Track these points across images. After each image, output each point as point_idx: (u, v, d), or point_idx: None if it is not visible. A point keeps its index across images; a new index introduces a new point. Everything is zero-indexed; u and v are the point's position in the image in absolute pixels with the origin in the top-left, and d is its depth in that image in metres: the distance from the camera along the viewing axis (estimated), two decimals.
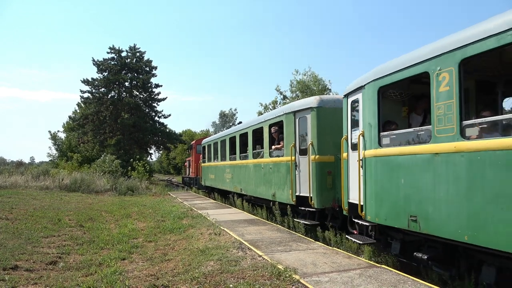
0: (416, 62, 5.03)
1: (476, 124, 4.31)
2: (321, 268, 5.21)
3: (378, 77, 5.83)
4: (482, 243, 3.99)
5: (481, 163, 3.99)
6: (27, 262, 6.17)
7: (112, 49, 38.41)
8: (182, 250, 6.89)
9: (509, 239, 3.65)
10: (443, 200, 4.51)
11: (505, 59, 4.65)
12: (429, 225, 4.73)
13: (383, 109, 5.93)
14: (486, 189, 3.96)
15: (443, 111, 4.56)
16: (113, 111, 37.40)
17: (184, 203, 15.13)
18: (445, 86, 4.55)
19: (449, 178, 4.42)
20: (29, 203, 13.64)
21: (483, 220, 3.97)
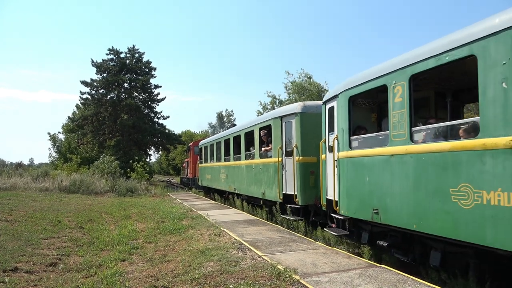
0: (377, 76, 5.81)
1: (422, 130, 5.15)
2: (321, 268, 5.21)
3: (348, 88, 6.62)
4: (425, 230, 4.79)
5: (424, 163, 4.80)
6: (27, 264, 6.17)
7: (111, 51, 38.44)
8: (182, 251, 6.89)
9: (444, 225, 4.48)
10: (397, 195, 5.29)
11: (450, 74, 5.38)
12: (388, 217, 5.51)
13: (355, 115, 6.72)
14: (428, 185, 4.74)
15: (398, 119, 5.33)
16: (113, 112, 37.42)
17: (184, 204, 15.13)
18: (398, 97, 5.32)
19: (402, 176, 5.20)
20: (29, 205, 13.63)
21: (426, 210, 4.76)
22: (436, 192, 4.61)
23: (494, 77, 3.93)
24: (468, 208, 4.20)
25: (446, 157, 4.49)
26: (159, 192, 22.65)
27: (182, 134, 62.32)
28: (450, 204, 4.41)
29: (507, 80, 3.77)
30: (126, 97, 38.40)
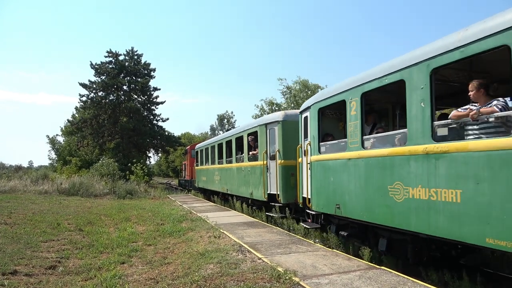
0: (339, 92, 6.96)
1: (370, 138, 6.33)
2: (321, 270, 5.21)
3: (318, 101, 7.73)
4: (373, 220, 5.91)
5: (371, 165, 5.90)
6: (26, 266, 6.15)
7: (110, 53, 38.45)
8: (182, 254, 6.88)
9: (385, 216, 5.59)
10: (353, 192, 6.40)
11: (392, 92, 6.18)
12: (346, 210, 6.66)
13: (324, 124, 7.86)
14: (373, 183, 5.86)
15: (353, 129, 6.42)
16: (112, 115, 37.41)
17: (184, 206, 15.11)
18: (353, 111, 6.40)
19: (356, 176, 6.33)
20: (28, 208, 13.60)
21: (373, 204, 5.89)
22: (379, 189, 5.72)
23: (416, 98, 4.98)
24: (400, 201, 5.30)
25: (385, 160, 5.59)
26: (158, 194, 22.64)
27: (182, 136, 62.32)
28: (388, 198, 5.51)
29: (424, 101, 4.85)
30: (125, 99, 38.40)
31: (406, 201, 5.14)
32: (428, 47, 4.91)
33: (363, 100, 6.22)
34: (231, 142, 14.47)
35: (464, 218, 4.30)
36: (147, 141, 39.38)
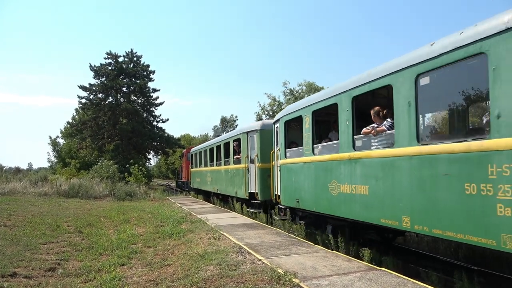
0: (297, 109, 8.64)
1: (318, 147, 7.89)
2: (321, 271, 5.20)
3: (284, 115, 9.40)
4: (320, 210, 7.48)
5: (318, 168, 7.52)
6: (26, 269, 6.14)
7: (109, 55, 38.49)
8: (182, 255, 6.87)
9: (327, 207, 7.20)
10: (307, 189, 7.98)
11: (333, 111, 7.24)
12: (303, 204, 8.23)
13: (290, 134, 9.46)
14: (319, 182, 7.46)
15: (307, 139, 8.00)
16: (111, 117, 37.42)
17: (183, 207, 15.09)
18: (307, 125, 8.02)
19: (308, 176, 7.90)
20: (28, 210, 13.58)
21: (319, 198, 7.47)
22: (322, 186, 7.30)
23: (343, 117, 6.62)
24: (335, 195, 6.89)
25: (327, 164, 7.22)
26: (158, 196, 22.62)
27: (181, 138, 62.33)
28: (328, 193, 7.10)
29: (348, 120, 6.48)
30: (124, 101, 38.43)
31: (339, 195, 6.80)
32: (350, 80, 6.59)
33: (313, 116, 7.88)
34: (220, 147, 16.17)
35: (370, 205, 5.92)
36: (146, 142, 39.39)
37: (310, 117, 7.90)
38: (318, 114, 7.88)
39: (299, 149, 8.69)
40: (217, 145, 16.81)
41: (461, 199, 4.28)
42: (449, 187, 4.46)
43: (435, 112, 6.71)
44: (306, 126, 8.10)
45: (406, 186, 5.15)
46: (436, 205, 4.66)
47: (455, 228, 4.38)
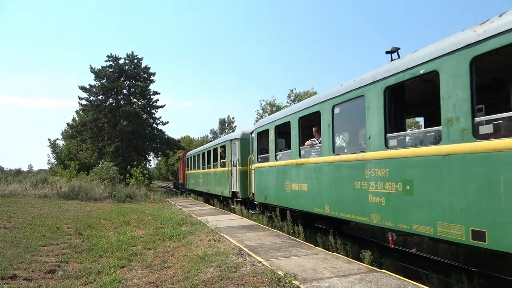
0: (266, 123, 10.68)
1: (279, 154, 9.84)
2: (321, 273, 5.19)
3: (257, 127, 11.39)
4: (281, 204, 9.50)
5: (278, 170, 9.57)
6: (26, 271, 6.14)
7: (110, 57, 38.54)
8: (182, 257, 6.87)
9: (284, 201, 9.22)
10: (271, 188, 10.10)
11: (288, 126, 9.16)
12: (269, 200, 10.33)
13: (262, 142, 11.25)
14: (279, 181, 9.50)
15: (271, 147, 10.08)
16: (112, 118, 37.43)
17: (183, 209, 15.09)
18: (272, 136, 10.04)
19: (272, 177, 9.98)
20: (28, 212, 13.58)
21: (279, 194, 9.51)
22: (281, 185, 9.36)
23: (294, 133, 8.64)
24: (288, 192, 8.97)
25: (284, 167, 9.25)
26: (158, 198, 22.62)
27: (182, 139, 62.30)
28: (284, 190, 9.19)
29: (296, 135, 8.51)
30: (125, 103, 38.44)
31: (291, 191, 8.89)
32: (298, 105, 9.03)
33: (276, 130, 9.92)
34: (210, 152, 18.37)
35: (308, 198, 7.98)
36: (146, 144, 39.38)
37: (273, 130, 10.02)
38: (279, 128, 9.88)
39: (267, 156, 10.60)
40: (207, 150, 19.16)
41: (353, 192, 6.37)
42: (347, 184, 6.55)
43: (343, 132, 8.59)
44: (270, 137, 10.20)
45: (327, 184, 7.24)
46: (342, 196, 6.75)
47: (350, 211, 6.52)
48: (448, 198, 4.53)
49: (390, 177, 5.54)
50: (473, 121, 4.25)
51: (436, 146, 4.76)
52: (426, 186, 4.87)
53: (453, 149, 4.47)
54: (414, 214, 5.07)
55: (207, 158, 19.18)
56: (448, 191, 4.54)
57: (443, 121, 4.61)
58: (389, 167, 5.58)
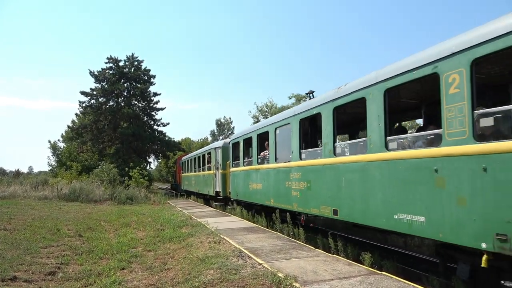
0: (237, 137, 13.61)
1: (245, 161, 12.67)
2: (322, 275, 5.19)
3: (233, 139, 14.24)
4: (246, 199, 12.51)
5: (245, 173, 12.34)
6: (26, 272, 6.14)
7: (110, 59, 38.57)
8: (182, 259, 6.86)
9: (248, 197, 12.25)
10: (241, 187, 12.93)
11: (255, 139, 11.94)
12: (240, 196, 13.08)
13: (236, 151, 13.78)
14: (245, 182, 12.36)
15: (241, 156, 12.96)
16: (112, 121, 37.42)
17: (184, 211, 15.08)
18: (241, 147, 12.94)
19: (241, 179, 12.78)
20: (28, 213, 13.58)
21: (246, 192, 12.39)
22: (247, 185, 11.96)
23: (254, 145, 11.59)
24: (251, 190, 11.68)
25: (249, 171, 11.87)
26: (158, 200, 22.61)
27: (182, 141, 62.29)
28: (248, 189, 11.90)
29: (255, 147, 11.57)
30: (125, 105, 38.44)
31: (252, 190, 11.71)
32: (257, 124, 12.04)
33: (244, 142, 12.77)
34: (200, 158, 21.54)
35: (262, 194, 10.71)
36: (147, 146, 39.36)
37: (242, 142, 12.95)
38: (246, 141, 12.63)
39: (238, 162, 13.41)
40: (198, 156, 22.40)
41: (284, 188, 9.23)
42: (282, 183, 9.41)
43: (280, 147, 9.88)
44: (240, 148, 13.16)
45: (272, 184, 10.14)
46: (279, 192, 9.61)
47: (284, 202, 9.37)
48: (325, 191, 7.37)
49: (301, 179, 8.42)
50: (334, 146, 7.17)
51: (319, 159, 7.65)
52: (316, 184, 7.76)
53: (325, 162, 7.40)
54: (311, 202, 7.98)
55: (197, 162, 22.14)
56: (325, 187, 7.38)
57: (323, 144, 7.54)
58: (301, 172, 8.47)
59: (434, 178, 4.74)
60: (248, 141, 12.32)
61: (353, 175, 6.45)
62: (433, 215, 4.72)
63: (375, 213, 5.84)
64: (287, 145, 9.31)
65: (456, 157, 4.43)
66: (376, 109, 5.85)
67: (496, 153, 3.94)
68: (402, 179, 5.31)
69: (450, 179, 4.50)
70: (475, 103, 4.24)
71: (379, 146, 5.78)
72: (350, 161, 6.60)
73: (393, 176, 5.49)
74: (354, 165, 6.44)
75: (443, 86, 4.59)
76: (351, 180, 6.52)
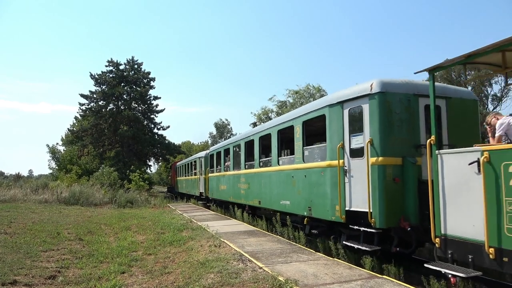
0: (212, 150, 19.41)
1: (215, 169, 18.33)
2: (322, 279, 5.18)
3: (209, 151, 20.41)
4: (218, 197, 17.36)
5: (218, 178, 17.31)
6: (26, 276, 6.12)
7: (110, 62, 38.66)
8: (182, 263, 6.85)
9: (219, 195, 17.05)
10: (214, 188, 18.05)
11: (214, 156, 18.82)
12: (214, 195, 18.16)
13: (211, 160, 19.25)
14: (218, 184, 17.27)
15: (214, 164, 18.51)
16: (112, 124, 37.44)
17: (184, 215, 15.07)
18: (214, 157, 18.49)
19: (215, 182, 17.94)
20: (28, 217, 13.57)
21: (217, 191, 17.34)
22: (218, 186, 17.09)
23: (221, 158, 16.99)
24: (220, 190, 16.67)
25: (219, 176, 16.98)
26: (158, 203, 22.57)
27: (182, 144, 62.27)
28: (219, 189, 16.80)
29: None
30: (125, 108, 38.49)
31: (222, 189, 16.24)
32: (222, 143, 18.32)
33: (216, 154, 17.81)
34: (189, 165, 26.29)
35: (226, 193, 15.51)
36: (147, 149, 39.37)
37: (215, 154, 18.05)
38: (217, 153, 17.63)
39: (213, 169, 18.32)
40: (187, 163, 27.14)
41: (238, 188, 13.69)
42: (236, 185, 13.94)
43: (235, 160, 14.61)
44: (214, 158, 18.20)
45: (231, 185, 14.65)
46: (235, 191, 14.09)
47: (237, 198, 13.83)
48: (256, 189, 11.71)
49: (245, 182, 12.88)
50: (259, 161, 11.59)
51: (253, 169, 12.02)
52: (252, 185, 12.16)
53: (255, 171, 11.81)
54: (250, 197, 12.33)
55: (187, 168, 27.04)
56: (255, 187, 11.76)
57: (255, 159, 11.85)
58: (245, 177, 12.92)
59: (291, 180, 9.10)
60: (218, 154, 17.39)
61: (266, 179, 10.92)
62: (292, 200, 9.07)
63: (274, 201, 10.19)
64: (239, 159, 13.95)
65: (298, 170, 8.75)
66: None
67: (310, 168, 8.19)
68: (282, 181, 9.70)
69: (296, 181, 8.82)
70: (305, 143, 8.69)
71: (275, 162, 10.38)
72: (264, 171, 11.13)
73: (280, 180, 9.88)
74: (266, 173, 10.98)
75: (295, 132, 8.96)
76: (265, 182, 10.97)
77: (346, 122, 6.99)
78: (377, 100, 6.31)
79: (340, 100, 7.10)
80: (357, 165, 6.69)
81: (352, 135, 6.86)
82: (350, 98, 6.87)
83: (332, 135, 7.30)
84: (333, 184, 7.13)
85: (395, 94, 6.32)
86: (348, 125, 6.96)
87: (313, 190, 7.92)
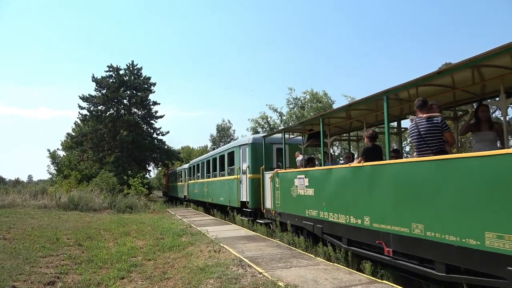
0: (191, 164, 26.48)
1: (197, 176, 23.50)
2: (322, 284, 5.17)
3: (190, 164, 27.33)
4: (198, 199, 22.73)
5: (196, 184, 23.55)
6: (25, 282, 6.10)
7: (111, 67, 38.81)
8: (182, 268, 6.83)
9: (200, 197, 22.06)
10: (194, 191, 24.29)
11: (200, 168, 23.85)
12: (194, 197, 24.25)
13: (191, 171, 25.80)
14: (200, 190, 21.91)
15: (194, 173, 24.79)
16: (112, 129, 37.50)
17: (183, 220, 15.04)
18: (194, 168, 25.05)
19: (195, 187, 23.79)
20: (27, 222, 13.53)
21: (196, 194, 23.41)
22: (200, 190, 21.77)
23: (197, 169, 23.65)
24: (195, 192, 23.71)
25: (195, 183, 23.86)
26: (158, 208, 22.53)
27: (182, 150, 62.30)
28: (194, 192, 23.98)
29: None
30: (125, 113, 38.56)
31: (196, 192, 23.50)
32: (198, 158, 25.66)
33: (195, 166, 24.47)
34: (178, 173, 32.84)
35: (208, 195, 19.60)
36: (146, 154, 39.40)
37: (194, 166, 24.14)
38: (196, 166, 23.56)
39: (193, 177, 23.90)
40: (178, 171, 32.73)
41: (203, 191, 20.76)
42: (203, 188, 20.96)
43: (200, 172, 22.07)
44: (195, 168, 23.79)
45: (200, 189, 21.98)
46: (202, 192, 21.19)
47: (203, 198, 21.05)
48: (211, 191, 18.96)
49: (206, 187, 19.96)
50: (208, 174, 20.06)
51: (208, 179, 19.74)
52: (209, 189, 19.42)
53: (208, 180, 19.87)
54: (209, 197, 19.23)
55: (178, 176, 32.75)
56: (210, 190, 19.06)
57: (210, 172, 19.26)
58: (206, 184, 19.89)
59: (223, 186, 16.27)
60: (195, 167, 23.76)
61: (214, 185, 17.78)
62: (224, 197, 16.15)
63: (217, 198, 17.04)
64: (203, 171, 20.74)
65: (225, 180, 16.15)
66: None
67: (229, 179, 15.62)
68: (220, 186, 16.85)
69: (225, 186, 16.00)
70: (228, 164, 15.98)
71: (217, 175, 17.52)
72: (214, 180, 17.86)
73: (219, 185, 16.98)
74: (214, 181, 17.82)
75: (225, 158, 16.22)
76: (214, 187, 17.78)
77: (240, 156, 13.81)
78: (250, 146, 13.18)
79: (240, 144, 14.17)
80: (244, 178, 13.34)
81: (243, 162, 13.59)
82: (242, 144, 13.80)
83: (237, 162, 14.26)
84: (236, 188, 14.13)
85: (259, 143, 12.85)
86: (241, 157, 13.75)
87: (230, 191, 15.05)
